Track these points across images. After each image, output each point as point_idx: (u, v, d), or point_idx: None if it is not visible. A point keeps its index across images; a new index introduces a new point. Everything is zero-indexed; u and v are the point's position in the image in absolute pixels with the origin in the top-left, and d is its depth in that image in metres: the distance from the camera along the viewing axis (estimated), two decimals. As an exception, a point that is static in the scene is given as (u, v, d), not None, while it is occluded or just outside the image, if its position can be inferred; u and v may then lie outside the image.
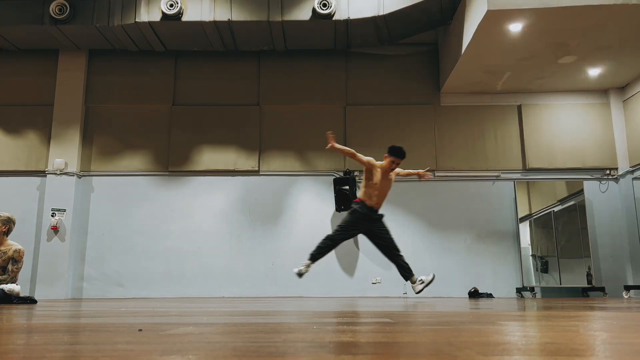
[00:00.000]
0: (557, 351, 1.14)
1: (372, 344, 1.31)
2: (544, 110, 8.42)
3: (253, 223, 8.12)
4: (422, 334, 1.56)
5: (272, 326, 1.93)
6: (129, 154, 8.34)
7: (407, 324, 2.01)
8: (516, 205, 8.12)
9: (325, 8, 7.22)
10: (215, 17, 7.40)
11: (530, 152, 8.25)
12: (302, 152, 8.31)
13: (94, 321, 2.28)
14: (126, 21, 7.48)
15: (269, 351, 1.18)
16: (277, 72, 8.58)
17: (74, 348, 1.27)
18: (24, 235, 7.59)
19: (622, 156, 8.19)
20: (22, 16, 7.56)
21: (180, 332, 1.66)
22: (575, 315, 2.51)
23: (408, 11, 7.30)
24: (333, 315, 2.66)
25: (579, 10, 6.03)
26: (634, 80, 8.05)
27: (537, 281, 7.94)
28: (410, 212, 8.14)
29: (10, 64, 8.58)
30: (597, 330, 1.67)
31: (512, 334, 1.56)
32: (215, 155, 8.29)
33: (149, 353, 1.13)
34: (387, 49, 8.53)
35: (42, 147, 8.27)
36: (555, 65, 7.51)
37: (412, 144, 8.34)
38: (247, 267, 7.97)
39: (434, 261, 8.00)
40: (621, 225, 8.05)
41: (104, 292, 7.90)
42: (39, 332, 1.71)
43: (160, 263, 7.98)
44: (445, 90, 8.36)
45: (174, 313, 2.94)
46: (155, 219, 8.12)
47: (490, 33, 6.56)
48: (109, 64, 8.58)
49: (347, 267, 7.95)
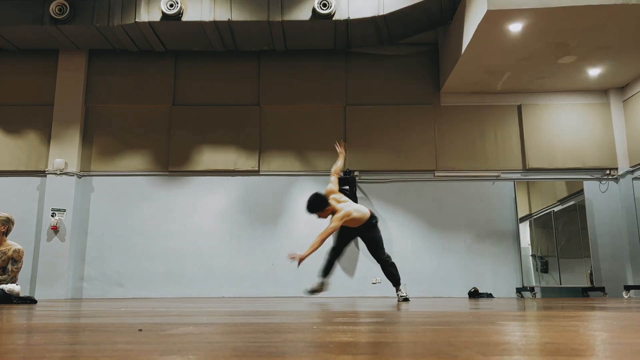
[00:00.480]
0: (557, 351, 1.14)
1: (372, 344, 1.31)
2: (544, 110, 8.42)
3: (253, 223, 8.12)
4: (422, 334, 1.56)
5: (272, 326, 1.93)
6: (129, 154, 8.34)
7: (407, 324, 2.01)
8: (516, 205, 8.12)
9: (325, 8, 7.22)
10: (215, 17, 7.40)
11: (530, 152, 8.25)
12: (302, 152, 8.32)
13: (94, 321, 2.28)
14: (126, 21, 7.48)
15: (269, 351, 1.18)
16: (277, 72, 8.58)
17: (74, 348, 1.27)
18: (24, 235, 7.59)
19: (622, 156, 8.19)
20: (22, 16, 7.56)
21: (180, 332, 1.66)
22: (575, 315, 2.51)
23: (408, 11, 7.30)
24: (333, 315, 2.66)
25: (579, 10, 6.03)
26: (634, 80, 8.05)
27: (537, 281, 7.94)
28: (410, 212, 8.15)
29: (10, 64, 8.57)
30: (597, 330, 1.67)
31: (512, 334, 1.56)
32: (215, 155, 8.29)
33: (149, 353, 1.13)
34: (387, 49, 8.53)
35: (42, 147, 8.27)
36: (555, 65, 7.51)
37: (412, 144, 8.35)
38: (247, 267, 7.97)
39: (434, 261, 8.01)
40: (621, 225, 8.05)
41: (104, 292, 7.90)
42: (39, 332, 1.71)
43: (160, 263, 7.98)
44: (445, 90, 8.36)
45: (174, 313, 2.94)
46: (155, 219, 8.12)
47: (490, 33, 6.56)
48: (109, 64, 8.58)
49: (347, 267, 7.95)
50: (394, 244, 8.00)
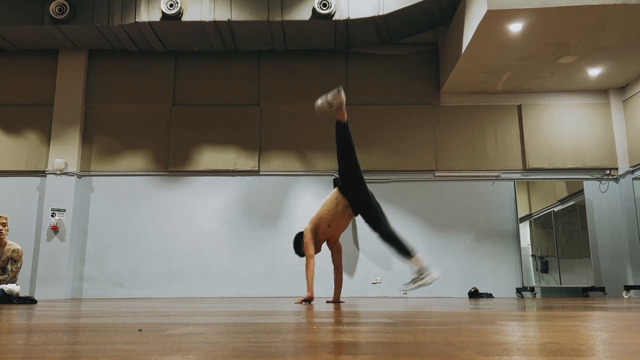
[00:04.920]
0: (557, 351, 1.14)
1: (372, 344, 1.31)
2: (544, 110, 8.42)
3: (253, 223, 8.12)
4: (422, 334, 1.56)
5: (272, 326, 1.93)
6: (128, 154, 8.34)
7: (407, 324, 2.01)
8: (516, 205, 8.12)
9: (325, 8, 7.22)
10: (215, 17, 7.40)
11: (530, 152, 8.25)
12: (302, 152, 8.32)
13: (93, 321, 2.28)
14: (126, 21, 7.48)
15: (269, 351, 1.18)
16: (277, 72, 8.58)
17: (74, 348, 1.27)
18: (24, 235, 7.59)
19: (622, 156, 8.19)
20: (22, 16, 7.56)
21: (180, 332, 1.66)
22: (575, 315, 2.51)
23: (408, 11, 7.30)
24: (333, 315, 2.66)
25: (579, 10, 6.03)
26: (634, 80, 8.05)
27: (537, 281, 7.94)
28: (410, 212, 8.14)
29: (10, 64, 8.58)
30: (597, 330, 1.67)
31: (512, 334, 1.56)
32: (215, 155, 8.29)
33: (149, 353, 1.13)
34: (387, 49, 8.53)
35: (42, 147, 8.27)
36: (555, 65, 7.51)
37: (412, 144, 8.35)
38: (247, 267, 7.97)
39: (434, 261, 7.98)
40: (621, 225, 8.05)
41: (104, 292, 7.90)
42: (39, 332, 1.71)
43: (160, 263, 7.98)
44: (445, 90, 8.36)
45: (174, 313, 2.94)
46: (155, 219, 8.12)
47: (490, 33, 6.56)
48: (109, 64, 8.58)
49: (347, 267, 7.95)
50: (394, 244, 8.00)
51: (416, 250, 4.38)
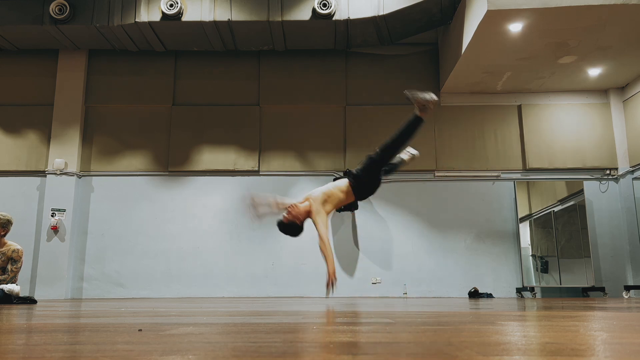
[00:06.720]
0: (557, 351, 1.14)
1: (372, 344, 1.31)
2: (544, 110, 8.42)
3: (253, 223, 8.12)
4: (422, 334, 1.56)
5: (272, 326, 1.93)
6: (128, 154, 8.34)
7: (407, 324, 2.01)
8: (516, 205, 8.12)
9: (325, 8, 7.22)
10: (215, 17, 7.40)
11: (530, 152, 8.25)
12: (302, 152, 8.31)
13: (93, 321, 2.28)
14: (126, 21, 7.48)
15: (269, 351, 1.17)
16: (277, 72, 8.58)
17: (74, 348, 1.27)
18: (24, 235, 7.59)
19: (622, 156, 8.19)
20: (22, 16, 7.56)
21: (180, 332, 1.65)
22: (575, 315, 2.51)
23: (408, 11, 7.30)
24: (333, 315, 2.66)
25: (579, 10, 6.03)
26: (634, 80, 8.05)
27: (537, 281, 7.94)
28: (410, 212, 8.14)
29: (10, 64, 8.57)
30: (597, 330, 1.67)
31: (512, 334, 1.56)
32: (215, 155, 8.29)
33: (149, 353, 1.13)
34: (387, 49, 8.53)
35: (42, 147, 8.27)
36: (555, 65, 7.51)
37: (412, 144, 8.34)
38: (247, 267, 7.97)
39: (434, 261, 8.00)
40: (621, 225, 8.05)
41: (104, 292, 7.90)
42: (39, 332, 1.71)
43: (160, 263, 7.98)
44: (445, 90, 8.36)
45: (174, 313, 2.94)
46: (155, 219, 8.12)
47: (490, 33, 6.56)
48: (109, 64, 8.58)
49: (347, 267, 7.95)
50: (394, 244, 8.01)
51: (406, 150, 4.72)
